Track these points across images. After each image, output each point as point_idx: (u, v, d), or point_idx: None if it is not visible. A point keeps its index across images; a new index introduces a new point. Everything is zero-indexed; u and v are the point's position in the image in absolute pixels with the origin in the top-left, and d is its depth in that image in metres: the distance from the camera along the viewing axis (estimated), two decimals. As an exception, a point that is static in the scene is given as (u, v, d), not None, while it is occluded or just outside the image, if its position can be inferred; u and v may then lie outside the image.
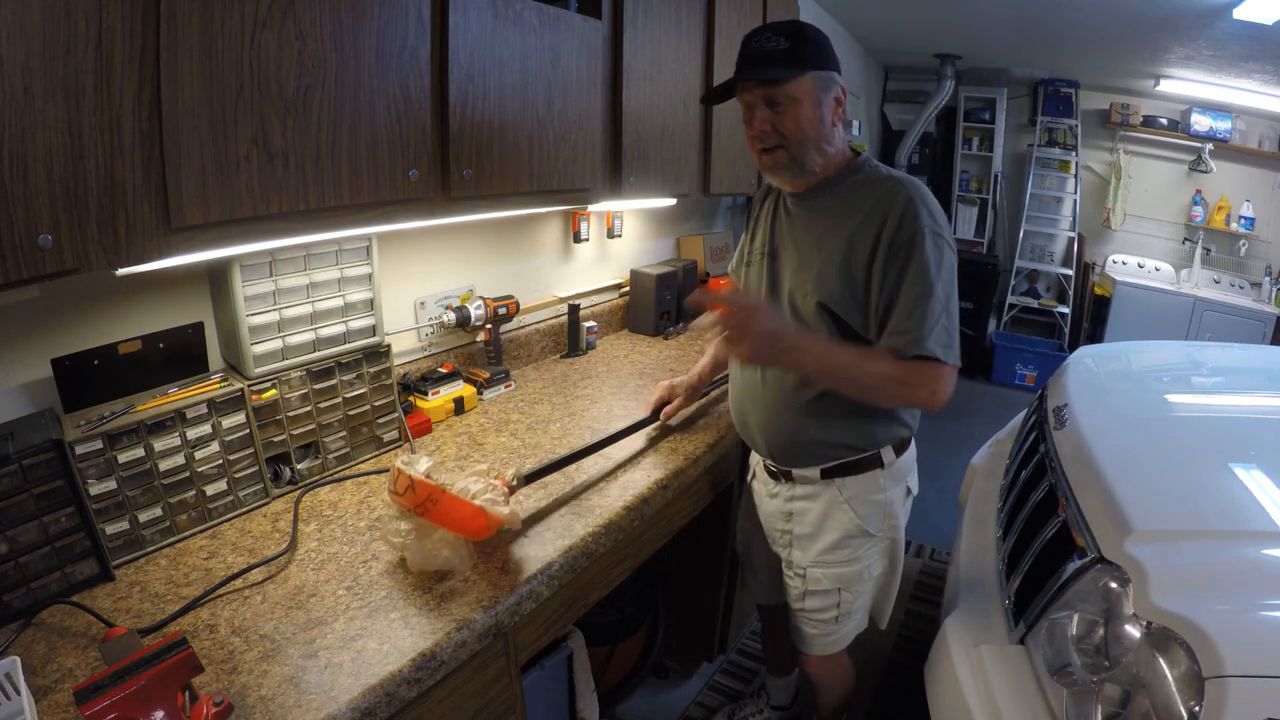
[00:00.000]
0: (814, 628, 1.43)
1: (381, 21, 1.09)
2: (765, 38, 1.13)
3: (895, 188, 1.15)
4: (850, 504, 1.31)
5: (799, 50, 1.12)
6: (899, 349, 1.12)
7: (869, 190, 1.18)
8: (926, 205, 1.13)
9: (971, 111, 5.31)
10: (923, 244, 1.11)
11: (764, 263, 1.33)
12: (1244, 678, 0.87)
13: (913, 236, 1.11)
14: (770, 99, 1.14)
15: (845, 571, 1.35)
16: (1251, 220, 4.64)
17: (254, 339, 1.24)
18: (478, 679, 1.04)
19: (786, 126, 1.15)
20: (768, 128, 1.16)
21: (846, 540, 1.33)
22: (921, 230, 1.11)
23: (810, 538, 1.36)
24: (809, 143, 1.16)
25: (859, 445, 1.28)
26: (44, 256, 0.78)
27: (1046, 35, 3.88)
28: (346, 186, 1.09)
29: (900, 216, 1.12)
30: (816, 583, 1.38)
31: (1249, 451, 1.42)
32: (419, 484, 1.03)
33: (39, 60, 0.74)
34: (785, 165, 1.19)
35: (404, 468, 1.06)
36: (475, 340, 1.85)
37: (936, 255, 1.12)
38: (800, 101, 1.13)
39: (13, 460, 0.94)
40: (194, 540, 1.16)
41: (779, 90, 1.13)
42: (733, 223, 3.28)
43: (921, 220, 1.11)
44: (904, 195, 1.13)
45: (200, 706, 0.75)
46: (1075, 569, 1.20)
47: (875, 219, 1.14)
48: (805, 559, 1.38)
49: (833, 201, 1.21)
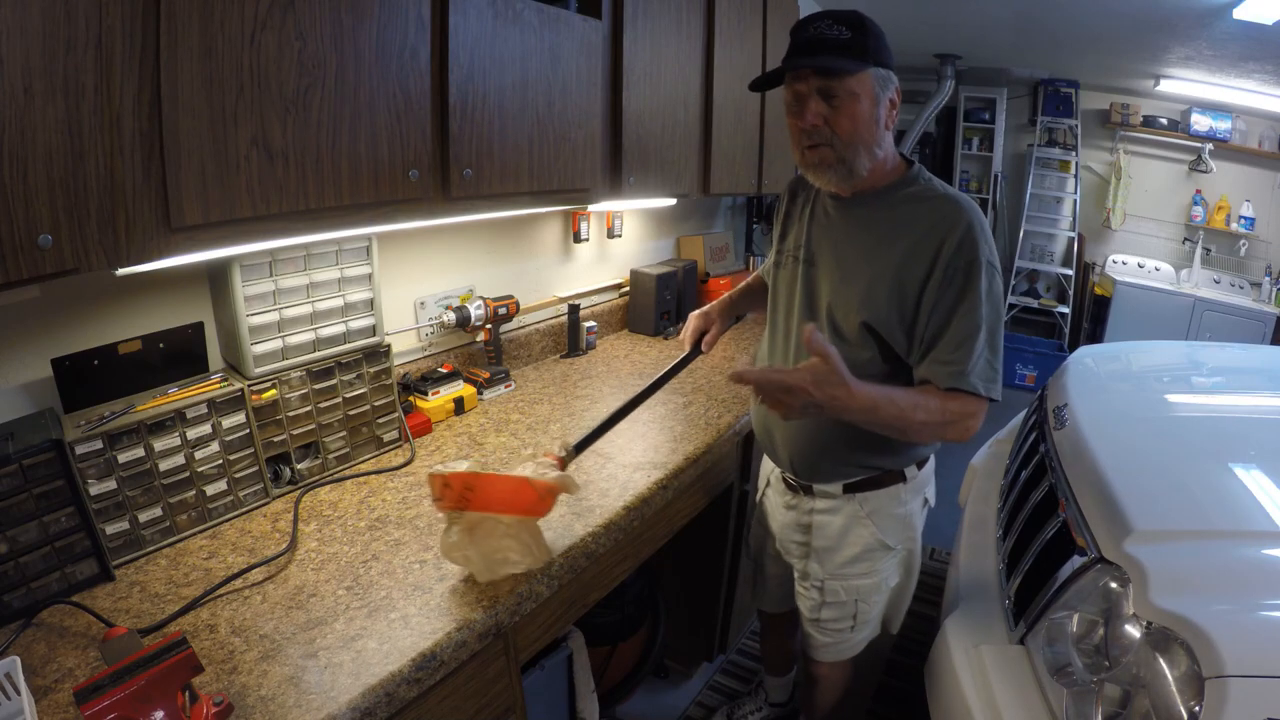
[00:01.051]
0: (829, 637, 1.42)
1: (381, 21, 1.09)
2: (825, 24, 1.04)
3: (954, 210, 1.09)
4: (871, 519, 1.29)
5: (863, 42, 1.04)
6: (939, 379, 1.08)
7: (924, 207, 1.11)
8: (985, 234, 1.08)
9: (971, 111, 5.30)
10: (979, 275, 1.06)
11: (799, 268, 1.25)
12: (1244, 678, 0.87)
13: (970, 265, 1.06)
14: (827, 91, 1.05)
15: (863, 584, 1.34)
16: (1251, 220, 4.63)
17: (254, 339, 1.24)
18: (478, 679, 1.03)
19: (841, 123, 1.06)
20: (820, 122, 1.06)
21: (866, 554, 1.32)
22: (979, 261, 1.06)
23: (830, 551, 1.34)
24: (861, 144, 1.08)
25: (885, 465, 1.26)
26: (44, 256, 0.78)
27: (1046, 35, 3.88)
28: (346, 186, 1.09)
29: (959, 243, 1.06)
30: (834, 595, 1.36)
31: (1249, 451, 1.42)
32: (451, 477, 0.96)
33: (39, 60, 0.74)
34: (831, 165, 1.10)
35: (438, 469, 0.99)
36: (475, 340, 1.85)
37: (990, 289, 1.07)
38: (859, 98, 1.05)
39: (13, 460, 0.94)
40: (194, 540, 1.16)
41: (839, 83, 1.04)
42: (733, 223, 3.28)
43: (980, 250, 1.06)
44: (964, 220, 1.07)
45: (200, 706, 0.75)
46: (1075, 569, 1.20)
47: (932, 241, 1.07)
48: (823, 572, 1.36)
49: (883, 213, 1.14)
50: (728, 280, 2.65)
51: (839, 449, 1.24)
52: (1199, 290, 4.65)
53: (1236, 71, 3.80)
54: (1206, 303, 4.56)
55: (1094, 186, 5.17)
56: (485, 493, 0.96)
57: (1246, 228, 4.64)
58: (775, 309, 1.34)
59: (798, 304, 1.25)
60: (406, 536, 1.17)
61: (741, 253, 3.22)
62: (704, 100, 2.04)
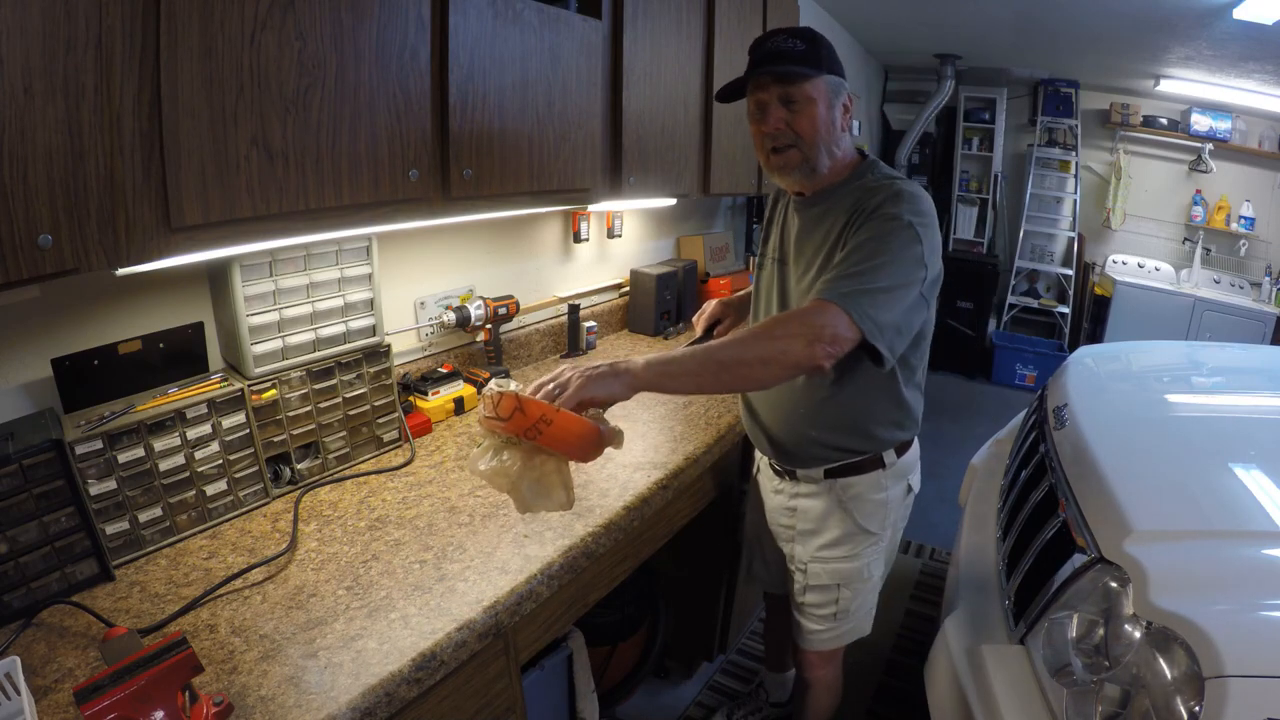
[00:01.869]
0: (814, 623, 1.43)
1: (381, 21, 1.09)
2: (782, 39, 1.13)
3: (887, 184, 1.14)
4: (851, 503, 1.32)
5: (816, 53, 1.13)
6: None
7: (868, 192, 1.16)
8: (912, 200, 1.10)
9: (971, 111, 5.30)
10: (891, 227, 1.06)
11: (775, 268, 1.33)
12: (1244, 678, 0.87)
13: (884, 217, 1.08)
14: (787, 97, 1.14)
15: (844, 568, 1.36)
16: (1251, 220, 4.63)
17: (254, 339, 1.24)
18: (478, 679, 1.04)
19: (802, 126, 1.14)
20: (782, 125, 1.15)
21: (846, 537, 1.35)
22: (895, 215, 1.07)
23: (811, 534, 1.38)
24: (821, 143, 1.16)
25: (861, 449, 1.29)
26: (44, 256, 0.78)
27: (1046, 35, 3.88)
28: (346, 186, 1.09)
29: (880, 203, 1.10)
30: (816, 578, 1.39)
31: (1249, 451, 1.42)
32: (528, 403, 0.91)
33: (39, 60, 0.74)
34: (797, 166, 1.18)
35: (504, 388, 0.94)
36: (475, 340, 1.85)
37: (900, 242, 1.06)
38: (816, 102, 1.14)
39: (13, 460, 0.94)
40: (194, 540, 1.16)
41: (797, 89, 1.13)
42: (733, 223, 3.28)
43: (900, 208, 1.08)
44: (893, 189, 1.11)
45: (200, 706, 0.75)
46: (1075, 569, 1.20)
47: (858, 212, 1.12)
48: (806, 554, 1.39)
49: (834, 206, 1.20)
50: (728, 280, 2.65)
51: (815, 432, 1.28)
52: (1199, 290, 4.66)
53: (1236, 71, 3.80)
54: (1206, 303, 4.57)
55: (1094, 186, 5.17)
56: (561, 429, 0.92)
57: (1246, 228, 4.64)
58: (756, 310, 1.41)
59: (774, 302, 1.32)
60: (406, 536, 1.17)
61: (741, 253, 3.22)
62: (704, 100, 2.04)
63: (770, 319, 1.08)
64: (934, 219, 1.13)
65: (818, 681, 1.54)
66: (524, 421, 0.91)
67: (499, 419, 0.92)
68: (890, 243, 1.06)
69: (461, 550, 1.13)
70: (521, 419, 0.91)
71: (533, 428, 0.91)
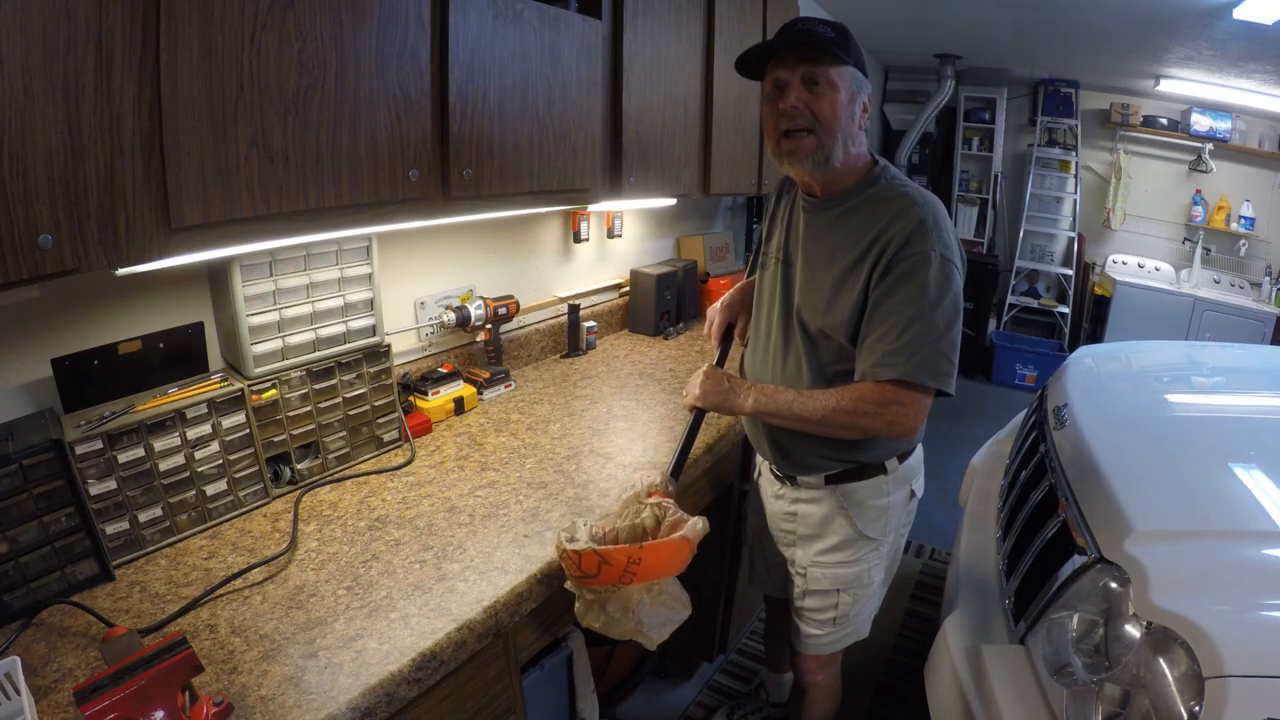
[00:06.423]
0: (812, 627, 1.43)
1: (381, 22, 1.09)
2: (814, 23, 1.11)
3: (906, 207, 1.11)
4: (853, 508, 1.31)
5: (846, 44, 1.11)
6: (867, 369, 1.10)
7: (882, 208, 1.13)
8: (938, 228, 1.09)
9: (971, 111, 5.30)
10: (924, 266, 1.06)
11: (779, 269, 1.30)
12: (1244, 678, 0.87)
13: (915, 258, 1.07)
14: (811, 77, 1.10)
15: (845, 573, 1.36)
16: (1251, 220, 4.63)
17: (254, 339, 1.24)
18: (478, 679, 1.04)
19: (822, 109, 1.10)
20: (801, 105, 1.10)
21: (847, 543, 1.34)
22: (924, 253, 1.07)
23: (812, 538, 1.37)
24: (839, 132, 1.12)
25: (860, 459, 1.28)
26: (44, 256, 0.78)
27: (1046, 35, 3.88)
28: (346, 186, 1.09)
29: (906, 238, 1.08)
30: (816, 582, 1.38)
31: (1249, 451, 1.42)
32: (612, 554, 0.90)
33: (39, 60, 0.74)
34: (810, 153, 1.12)
35: (577, 546, 0.92)
36: (475, 340, 1.85)
37: (939, 279, 1.07)
38: (839, 89, 1.10)
39: (13, 460, 0.94)
40: (194, 540, 1.16)
41: (822, 70, 1.09)
42: (733, 223, 3.28)
43: (928, 243, 1.07)
44: (915, 217, 1.09)
45: (200, 706, 0.75)
46: (1075, 569, 1.20)
47: (881, 242, 1.10)
48: (806, 558, 1.39)
49: (846, 215, 1.17)
50: (728, 280, 2.65)
51: (813, 442, 1.26)
52: (1199, 290, 4.66)
53: (1236, 71, 3.80)
54: (1206, 303, 4.57)
55: (1094, 186, 5.17)
56: (652, 562, 0.92)
57: (1246, 228, 4.64)
58: (759, 309, 1.38)
59: (777, 304, 1.30)
60: (406, 536, 1.17)
61: (741, 253, 3.22)
62: (704, 100, 2.04)
63: (851, 399, 1.11)
64: (956, 240, 1.13)
65: (815, 686, 1.54)
66: (614, 572, 0.91)
67: (589, 576, 0.91)
68: (929, 289, 1.07)
69: (461, 550, 1.13)
70: (610, 571, 0.91)
71: (625, 573, 0.90)
